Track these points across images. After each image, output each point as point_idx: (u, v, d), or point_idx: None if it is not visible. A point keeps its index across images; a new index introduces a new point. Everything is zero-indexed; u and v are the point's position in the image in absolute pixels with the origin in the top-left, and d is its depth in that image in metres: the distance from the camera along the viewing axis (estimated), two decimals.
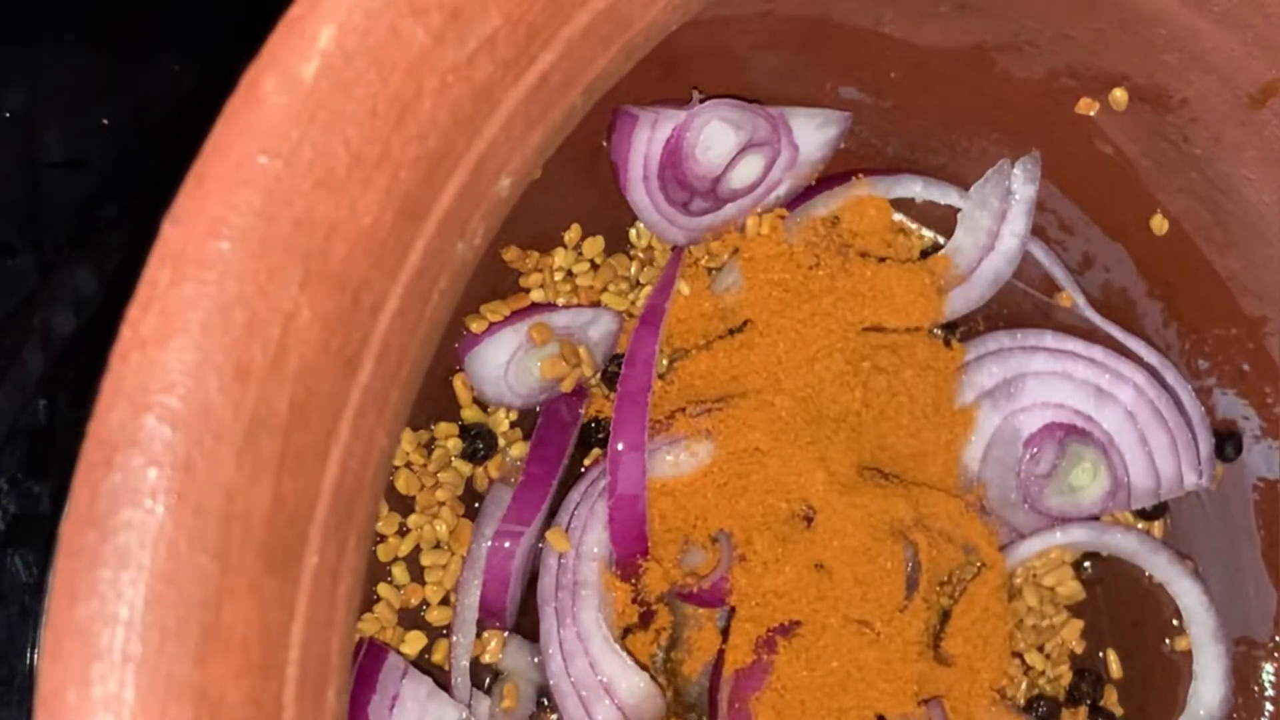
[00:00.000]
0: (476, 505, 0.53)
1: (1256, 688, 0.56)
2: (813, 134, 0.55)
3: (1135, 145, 0.53)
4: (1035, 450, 0.55)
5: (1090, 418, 0.56)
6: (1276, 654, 0.56)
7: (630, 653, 0.52)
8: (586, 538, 0.51)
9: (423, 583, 0.52)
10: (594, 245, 0.55)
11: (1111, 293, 0.58)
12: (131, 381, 0.29)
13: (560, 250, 0.55)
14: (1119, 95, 0.51)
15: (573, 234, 0.55)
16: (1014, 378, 0.56)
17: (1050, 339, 0.56)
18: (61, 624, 0.28)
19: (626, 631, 0.53)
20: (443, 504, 0.52)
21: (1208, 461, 0.56)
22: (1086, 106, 0.53)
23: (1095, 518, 0.57)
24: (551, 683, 0.51)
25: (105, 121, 0.49)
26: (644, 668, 0.52)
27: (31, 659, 0.46)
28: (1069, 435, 0.56)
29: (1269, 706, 0.56)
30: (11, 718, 0.46)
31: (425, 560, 0.52)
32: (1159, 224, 0.54)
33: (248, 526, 0.29)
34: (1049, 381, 0.56)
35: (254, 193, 0.29)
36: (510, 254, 0.54)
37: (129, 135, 0.49)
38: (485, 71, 0.32)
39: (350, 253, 0.31)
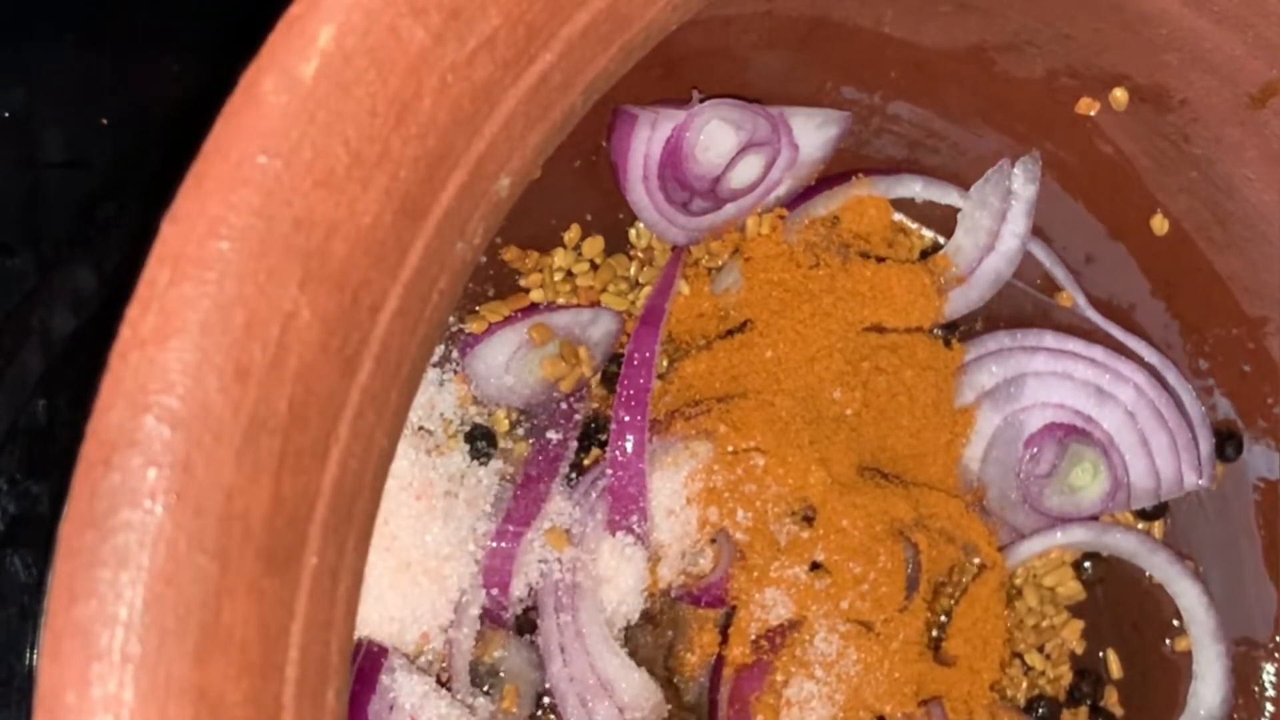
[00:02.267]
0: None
1: (1256, 688, 0.56)
2: (813, 134, 0.54)
3: (1135, 145, 0.53)
4: (1035, 450, 0.55)
5: (1090, 418, 0.56)
6: (1277, 654, 0.56)
7: (630, 653, 0.52)
8: (587, 538, 0.51)
9: None
10: (594, 245, 0.55)
11: (1112, 293, 0.57)
12: (131, 381, 0.29)
13: (560, 250, 0.55)
14: (1119, 95, 0.51)
15: (573, 234, 0.55)
16: (1014, 378, 0.56)
17: (1050, 339, 0.56)
18: (61, 624, 0.28)
19: (627, 631, 0.53)
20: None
21: (1208, 461, 0.56)
22: (1087, 106, 0.53)
23: (1095, 518, 0.57)
24: (551, 683, 0.51)
25: (105, 121, 0.49)
26: (644, 667, 0.52)
27: (31, 659, 0.46)
28: (1069, 435, 0.56)
29: (1269, 707, 0.56)
30: (11, 718, 0.46)
31: None
32: (1159, 224, 0.54)
33: (247, 526, 0.29)
34: (1049, 382, 0.56)
35: (253, 192, 0.29)
36: (510, 254, 0.54)
37: (129, 135, 0.49)
38: (485, 71, 0.32)
39: (350, 253, 0.31)
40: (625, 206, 0.54)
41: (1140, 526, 0.58)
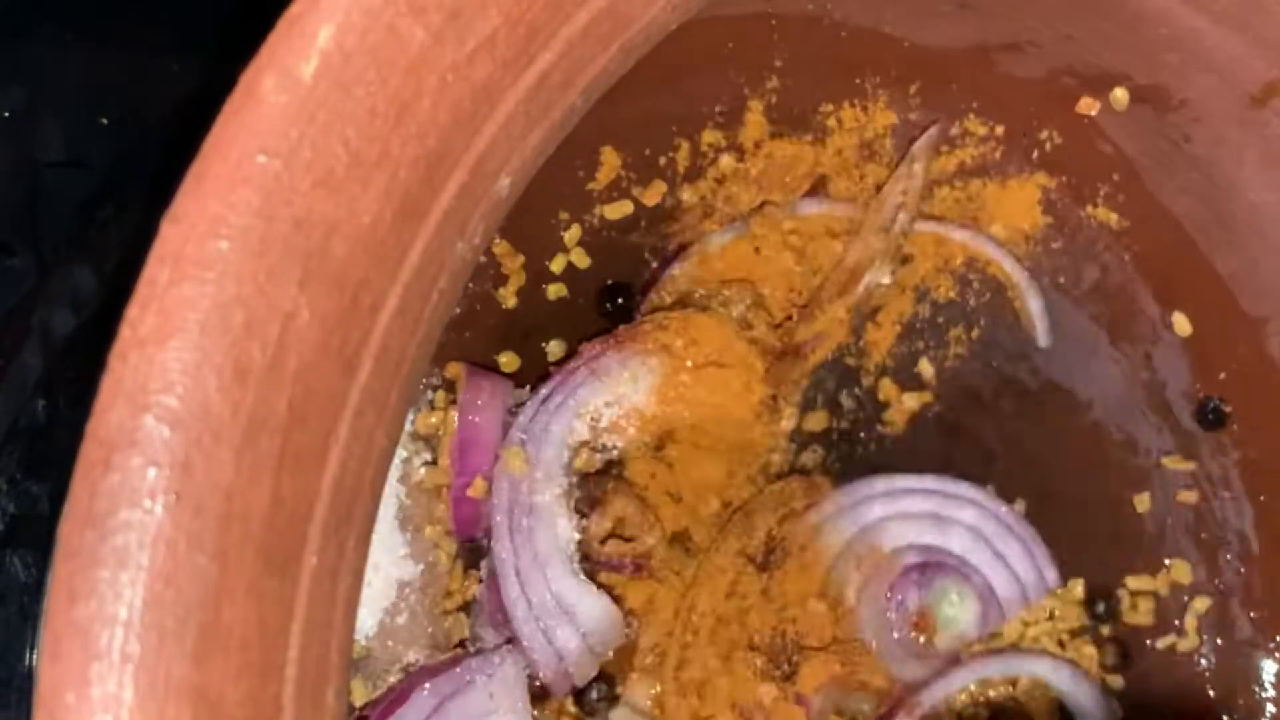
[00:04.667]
0: None
1: (1256, 687, 0.56)
2: None
3: (1135, 145, 0.53)
4: (900, 598, 0.55)
5: (938, 547, 0.55)
6: (1277, 654, 0.56)
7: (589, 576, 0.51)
8: (542, 456, 0.51)
9: None
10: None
11: (1112, 293, 0.57)
12: (130, 381, 0.29)
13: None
14: (1120, 95, 0.51)
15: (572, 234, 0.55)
16: (859, 532, 0.55)
17: (880, 484, 0.55)
18: (60, 624, 0.28)
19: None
20: None
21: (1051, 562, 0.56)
22: (1087, 106, 0.53)
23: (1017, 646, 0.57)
24: (508, 608, 0.50)
25: (105, 121, 0.49)
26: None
27: (31, 659, 0.46)
28: (926, 572, 0.55)
29: (1270, 708, 0.56)
30: (11, 718, 0.46)
31: None
32: (1159, 224, 0.54)
33: (246, 527, 0.29)
34: (891, 527, 0.55)
35: (253, 192, 0.29)
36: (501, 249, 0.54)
37: (129, 135, 0.49)
38: (485, 71, 0.32)
39: (350, 252, 0.31)
40: None
41: (1107, 679, 0.57)
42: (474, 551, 0.52)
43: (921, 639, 0.55)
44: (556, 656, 0.49)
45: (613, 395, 0.52)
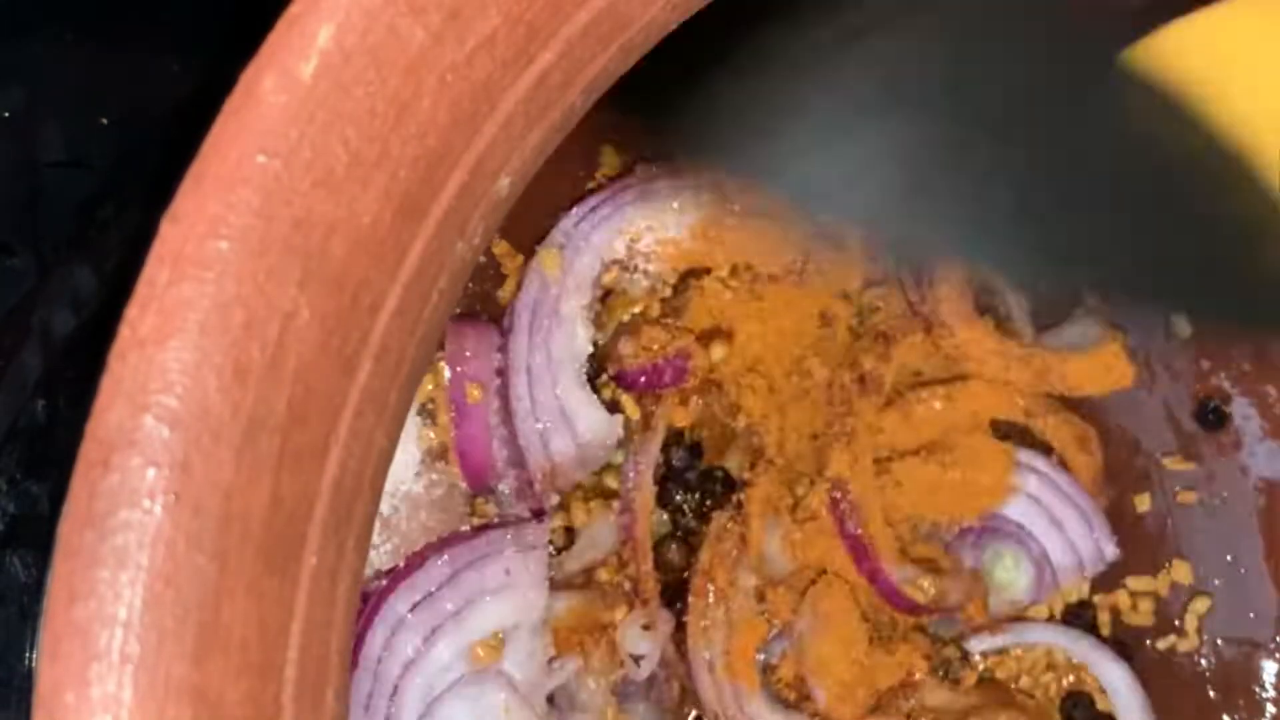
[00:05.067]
0: None
1: (1258, 688, 0.56)
2: None
3: None
4: (955, 558, 0.55)
5: (996, 513, 0.55)
6: (1277, 654, 0.56)
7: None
8: (577, 264, 0.50)
9: None
10: None
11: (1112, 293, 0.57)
12: (130, 381, 0.29)
13: None
14: None
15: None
16: None
17: None
18: (60, 624, 0.28)
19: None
20: None
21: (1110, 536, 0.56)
22: None
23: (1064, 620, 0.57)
24: (513, 398, 0.50)
25: (105, 121, 0.49)
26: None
27: (30, 660, 0.46)
28: (981, 537, 0.55)
29: (1270, 708, 0.56)
30: (11, 718, 0.46)
31: None
32: None
33: (246, 527, 0.29)
34: None
35: (253, 192, 0.29)
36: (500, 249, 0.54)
37: (129, 135, 0.49)
38: (484, 71, 0.32)
39: (349, 252, 0.31)
40: None
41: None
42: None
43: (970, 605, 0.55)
44: (549, 460, 0.49)
45: (656, 219, 0.51)
